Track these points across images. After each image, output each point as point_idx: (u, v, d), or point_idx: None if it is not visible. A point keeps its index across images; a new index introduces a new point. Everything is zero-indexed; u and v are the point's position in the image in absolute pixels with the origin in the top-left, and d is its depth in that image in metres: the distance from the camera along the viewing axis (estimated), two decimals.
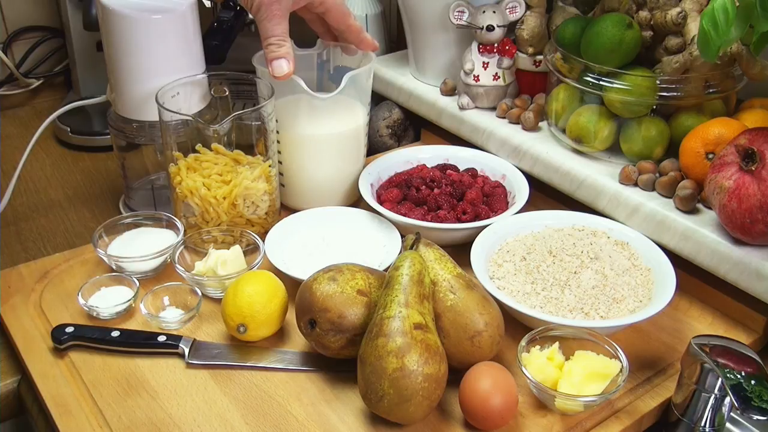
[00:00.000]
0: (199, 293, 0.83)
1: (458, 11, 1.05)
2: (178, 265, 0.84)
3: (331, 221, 0.96)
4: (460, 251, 0.87)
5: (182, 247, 0.88)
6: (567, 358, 0.73)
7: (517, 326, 0.79)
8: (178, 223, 0.91)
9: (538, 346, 0.74)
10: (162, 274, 0.89)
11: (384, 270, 0.80)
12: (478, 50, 1.07)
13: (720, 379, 0.67)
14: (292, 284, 0.82)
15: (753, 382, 0.64)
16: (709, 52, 0.74)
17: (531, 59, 1.10)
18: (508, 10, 1.06)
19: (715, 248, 0.82)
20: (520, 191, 0.98)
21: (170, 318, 0.81)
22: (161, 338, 0.78)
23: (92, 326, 0.80)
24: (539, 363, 0.72)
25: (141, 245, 0.89)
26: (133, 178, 1.05)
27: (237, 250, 0.86)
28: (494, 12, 1.05)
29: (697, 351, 0.68)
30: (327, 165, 0.99)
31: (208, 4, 1.17)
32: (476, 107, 1.11)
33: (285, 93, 0.96)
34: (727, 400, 0.70)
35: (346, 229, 0.95)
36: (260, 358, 0.78)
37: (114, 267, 0.88)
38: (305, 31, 1.33)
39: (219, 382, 0.75)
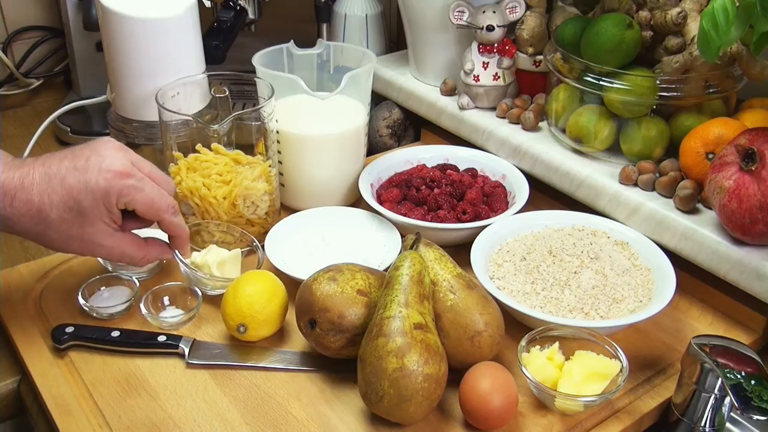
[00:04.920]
0: (199, 293, 0.83)
1: (458, 11, 1.05)
2: (176, 252, 0.83)
3: (331, 221, 0.96)
4: (460, 251, 0.87)
5: None
6: (567, 358, 0.73)
7: (517, 326, 0.79)
8: None
9: (538, 346, 0.74)
10: (162, 274, 0.89)
11: (384, 270, 0.80)
12: (478, 50, 1.07)
13: (720, 379, 0.67)
14: (292, 284, 0.82)
15: (753, 382, 0.64)
16: (709, 52, 0.74)
17: (531, 59, 1.10)
18: (508, 10, 1.06)
19: (715, 248, 0.82)
20: (520, 191, 0.98)
21: (170, 318, 0.81)
22: (161, 338, 0.78)
23: (92, 326, 0.80)
24: (539, 363, 0.72)
25: None
26: None
27: (236, 252, 0.86)
28: (494, 12, 1.05)
29: (697, 351, 0.68)
30: (327, 165, 0.99)
31: (208, 4, 1.17)
32: (476, 107, 1.11)
33: (285, 93, 0.96)
34: (727, 400, 0.70)
35: (346, 229, 0.95)
36: (260, 358, 0.78)
37: (110, 268, 0.88)
38: (305, 30, 1.34)
39: (219, 382, 0.75)
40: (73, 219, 0.73)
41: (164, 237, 0.83)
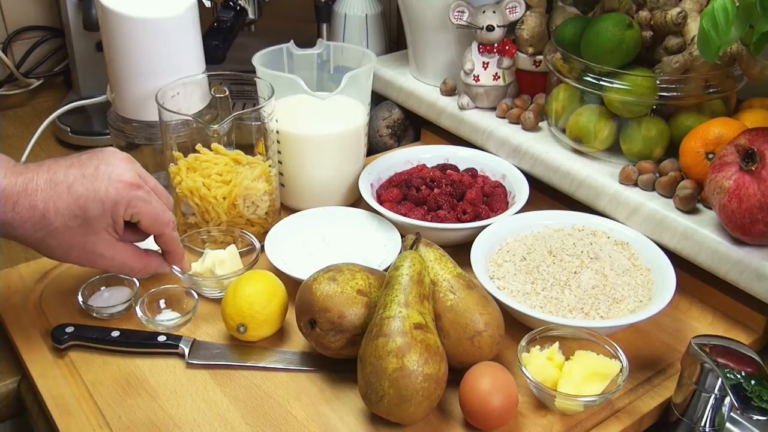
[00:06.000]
0: (195, 296, 0.83)
1: (458, 11, 1.05)
2: (174, 266, 0.84)
3: (331, 221, 0.96)
4: (460, 251, 0.87)
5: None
6: (567, 358, 0.73)
7: (517, 326, 0.79)
8: None
9: (538, 346, 0.74)
10: (160, 276, 0.88)
11: (384, 270, 0.80)
12: (478, 50, 1.07)
13: (720, 379, 0.67)
14: (292, 284, 0.82)
15: (753, 382, 0.64)
16: (709, 52, 0.74)
17: (531, 59, 1.10)
18: (508, 10, 1.06)
19: (715, 248, 0.82)
20: (520, 191, 0.98)
21: (166, 322, 0.81)
22: (161, 338, 0.78)
23: (92, 326, 0.80)
24: (539, 363, 0.72)
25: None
26: None
27: (232, 249, 0.86)
28: (494, 12, 1.05)
29: (697, 351, 0.68)
30: (327, 165, 0.99)
31: (208, 4, 1.17)
32: (476, 107, 1.11)
33: (285, 93, 0.96)
34: (727, 400, 0.70)
35: (346, 229, 0.95)
36: (260, 358, 0.78)
37: None
38: (305, 30, 1.34)
39: (219, 382, 0.75)
40: (77, 227, 0.72)
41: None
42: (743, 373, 0.65)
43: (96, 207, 0.72)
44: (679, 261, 0.85)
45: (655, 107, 0.93)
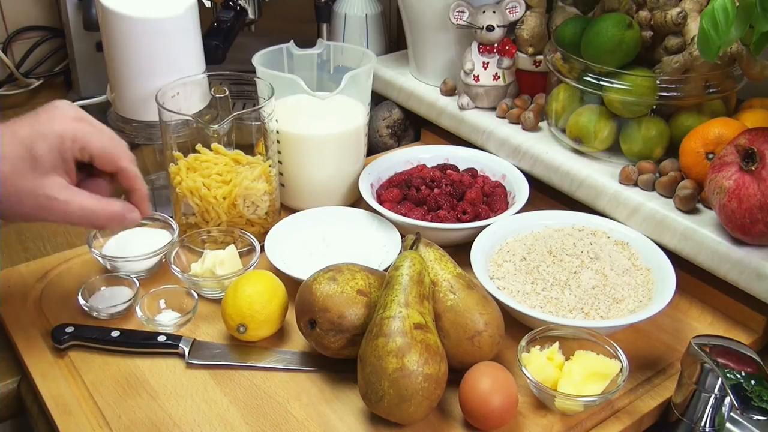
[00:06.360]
0: (195, 296, 0.83)
1: (458, 11, 1.05)
2: (174, 266, 0.84)
3: (331, 221, 0.96)
4: (460, 251, 0.87)
5: (178, 247, 0.88)
6: (567, 358, 0.74)
7: (517, 326, 0.79)
8: (173, 224, 0.91)
9: (538, 346, 0.74)
10: (160, 275, 0.89)
11: (384, 270, 0.80)
12: (478, 50, 1.07)
13: (720, 379, 0.67)
14: (292, 284, 0.82)
15: (753, 382, 0.64)
16: (709, 52, 0.74)
17: (531, 59, 1.10)
18: (508, 10, 1.06)
19: (715, 248, 0.82)
20: (520, 191, 0.98)
21: (166, 321, 0.81)
22: (161, 338, 0.78)
23: (92, 326, 0.80)
24: (539, 363, 0.72)
25: (136, 245, 0.89)
26: None
27: (232, 249, 0.86)
28: (494, 12, 1.05)
29: (697, 351, 0.68)
30: (327, 165, 0.99)
31: (208, 4, 1.17)
32: (476, 107, 1.11)
33: (285, 93, 0.96)
34: (727, 400, 0.70)
35: (346, 229, 0.95)
36: (260, 358, 0.78)
37: (109, 267, 0.88)
38: (305, 30, 1.34)
39: (219, 382, 0.75)
40: (27, 169, 0.69)
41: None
42: (743, 373, 0.65)
43: (41, 144, 0.69)
44: (679, 261, 0.85)
45: (655, 107, 0.93)
